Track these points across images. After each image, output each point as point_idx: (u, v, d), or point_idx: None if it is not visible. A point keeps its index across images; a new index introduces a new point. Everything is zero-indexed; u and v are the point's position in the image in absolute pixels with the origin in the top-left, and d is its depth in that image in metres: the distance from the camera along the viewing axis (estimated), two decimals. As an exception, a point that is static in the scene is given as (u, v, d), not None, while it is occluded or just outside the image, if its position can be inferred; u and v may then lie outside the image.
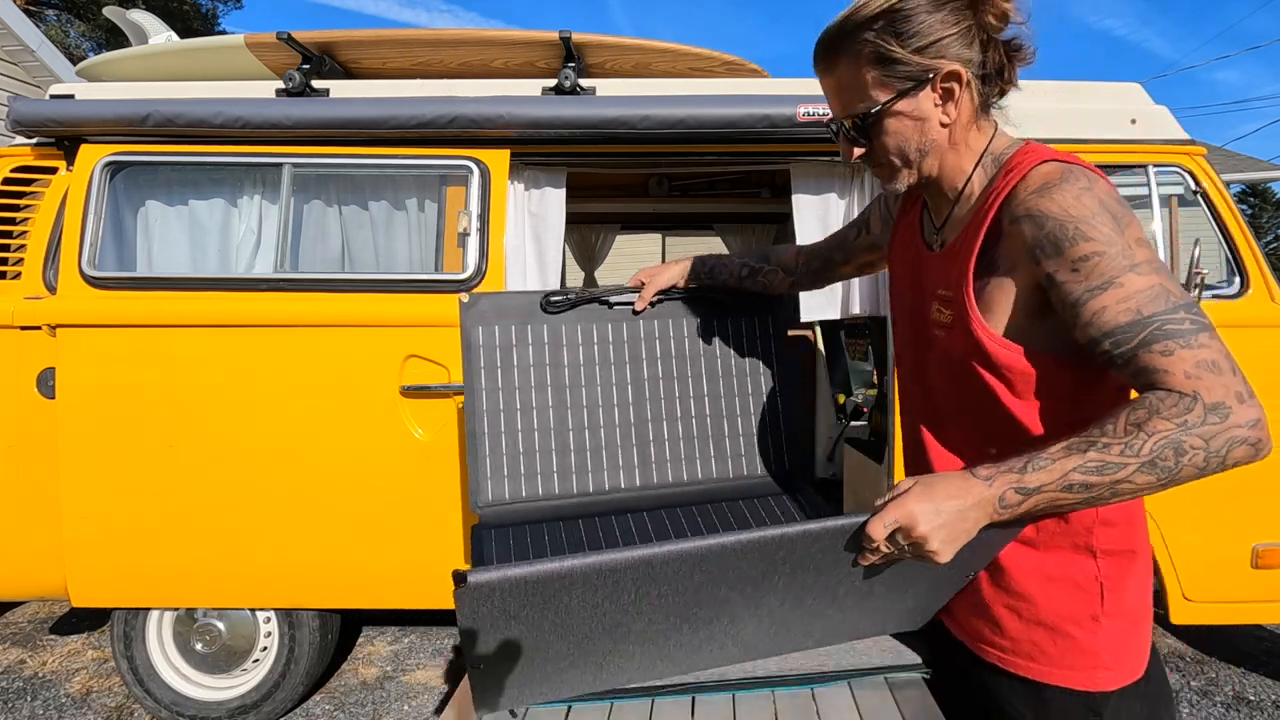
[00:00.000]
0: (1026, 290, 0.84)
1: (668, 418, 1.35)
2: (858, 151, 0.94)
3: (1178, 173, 2.19)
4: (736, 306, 1.42)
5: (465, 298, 1.17)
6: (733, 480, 1.39)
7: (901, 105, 0.88)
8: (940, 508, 0.75)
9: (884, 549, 0.77)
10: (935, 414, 0.99)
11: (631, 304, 1.36)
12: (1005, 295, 0.85)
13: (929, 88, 0.87)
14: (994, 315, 0.86)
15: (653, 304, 1.39)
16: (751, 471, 1.40)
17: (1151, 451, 0.72)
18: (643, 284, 1.36)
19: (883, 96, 0.88)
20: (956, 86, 0.87)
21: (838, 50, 0.90)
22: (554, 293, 1.28)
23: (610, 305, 1.33)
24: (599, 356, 1.29)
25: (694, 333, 1.40)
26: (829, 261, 1.31)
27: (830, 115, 0.98)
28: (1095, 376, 0.86)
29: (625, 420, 1.31)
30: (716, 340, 1.42)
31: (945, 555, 0.75)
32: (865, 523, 0.77)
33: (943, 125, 0.90)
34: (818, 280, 1.36)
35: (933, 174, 0.94)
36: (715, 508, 1.34)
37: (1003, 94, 0.92)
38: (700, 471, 1.37)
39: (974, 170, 0.92)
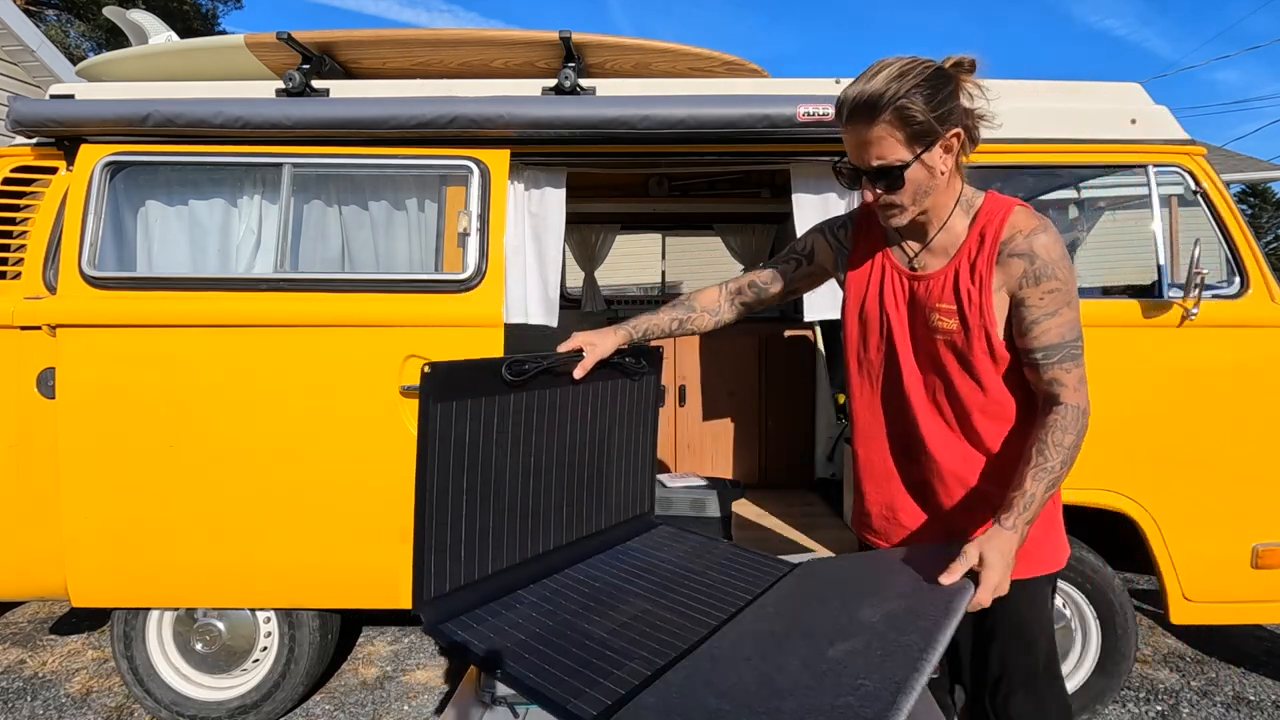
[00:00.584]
0: (1006, 302, 1.19)
1: (586, 474, 1.39)
2: (878, 194, 1.16)
3: (1178, 173, 2.19)
4: (637, 372, 1.48)
5: (428, 368, 1.08)
6: (623, 521, 1.48)
7: (923, 159, 1.13)
8: (1008, 564, 1.07)
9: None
10: (920, 395, 1.27)
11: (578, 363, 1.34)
12: (1000, 305, 1.19)
13: (939, 145, 1.14)
14: (996, 319, 1.19)
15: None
16: (638, 510, 1.53)
17: (1070, 456, 1.13)
18: (580, 349, 1.35)
19: (909, 154, 1.12)
20: (955, 144, 1.16)
21: (876, 112, 1.10)
22: (514, 361, 1.22)
23: (558, 373, 1.30)
24: (535, 423, 1.26)
25: (605, 392, 1.44)
26: (762, 293, 1.49)
27: (849, 162, 1.19)
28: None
29: (557, 482, 1.31)
30: (621, 396, 1.49)
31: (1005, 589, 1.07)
32: (970, 597, 1.04)
33: (941, 174, 1.16)
34: (747, 311, 1.52)
35: (924, 212, 1.20)
36: (623, 550, 1.41)
37: (973, 147, 1.20)
38: (601, 520, 1.43)
39: (954, 209, 1.22)
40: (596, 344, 1.35)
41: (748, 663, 0.93)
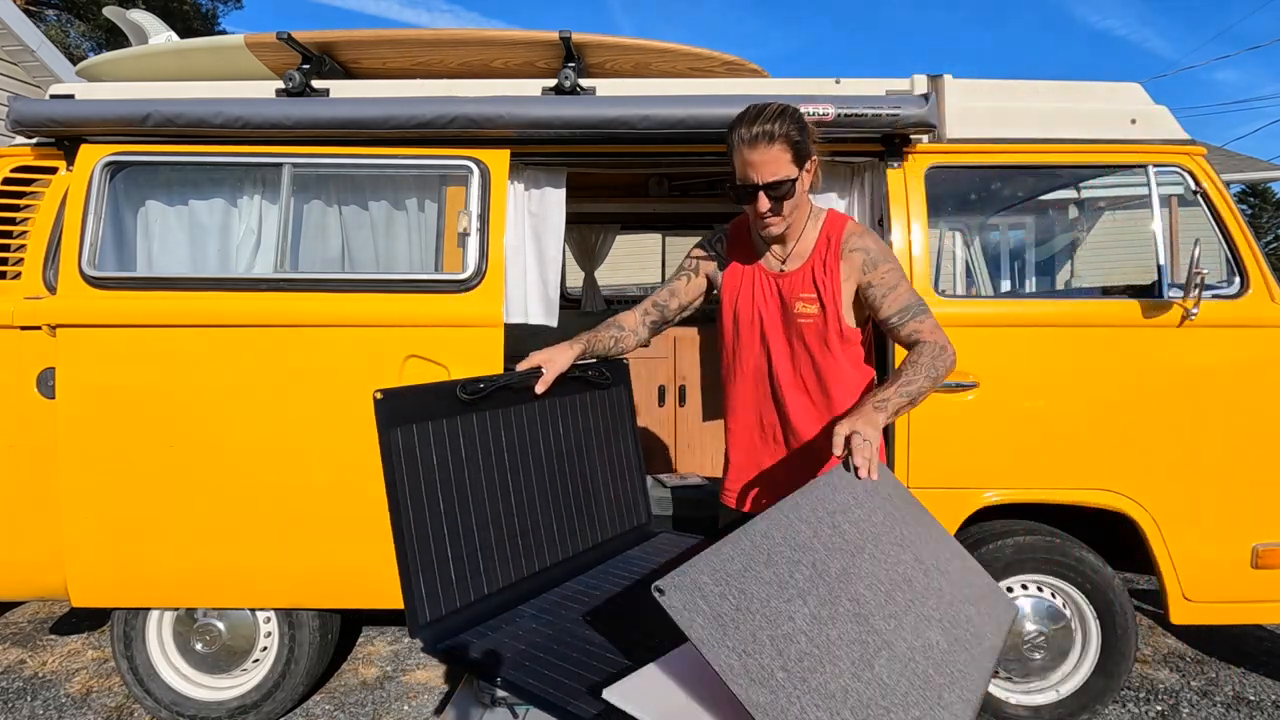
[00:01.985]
0: (853, 291, 1.53)
1: (573, 489, 1.42)
2: (772, 206, 1.45)
3: (1178, 173, 2.19)
4: (604, 383, 1.57)
5: (379, 394, 1.07)
6: (621, 533, 1.51)
7: (800, 178, 1.47)
8: (877, 431, 1.26)
9: (843, 449, 1.22)
10: (788, 375, 1.56)
11: (535, 380, 1.38)
12: (847, 293, 1.53)
13: (807, 168, 1.49)
14: (844, 302, 1.53)
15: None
16: (635, 522, 1.57)
17: (929, 375, 1.36)
18: (540, 367, 1.45)
19: (794, 172, 1.45)
20: (813, 169, 1.52)
21: (773, 136, 1.40)
22: (468, 382, 1.23)
23: (516, 389, 1.32)
24: (506, 441, 1.26)
25: (577, 407, 1.49)
26: (665, 310, 1.71)
27: (742, 181, 1.47)
28: (862, 335, 1.59)
29: (542, 499, 1.32)
30: (594, 411, 1.55)
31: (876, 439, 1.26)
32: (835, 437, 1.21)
33: (803, 192, 1.51)
34: (656, 331, 1.73)
35: (790, 222, 1.52)
36: (624, 560, 1.43)
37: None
38: (597, 534, 1.45)
39: (807, 222, 1.58)
40: (554, 359, 1.47)
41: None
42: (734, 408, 1.66)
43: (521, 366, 1.40)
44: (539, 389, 1.39)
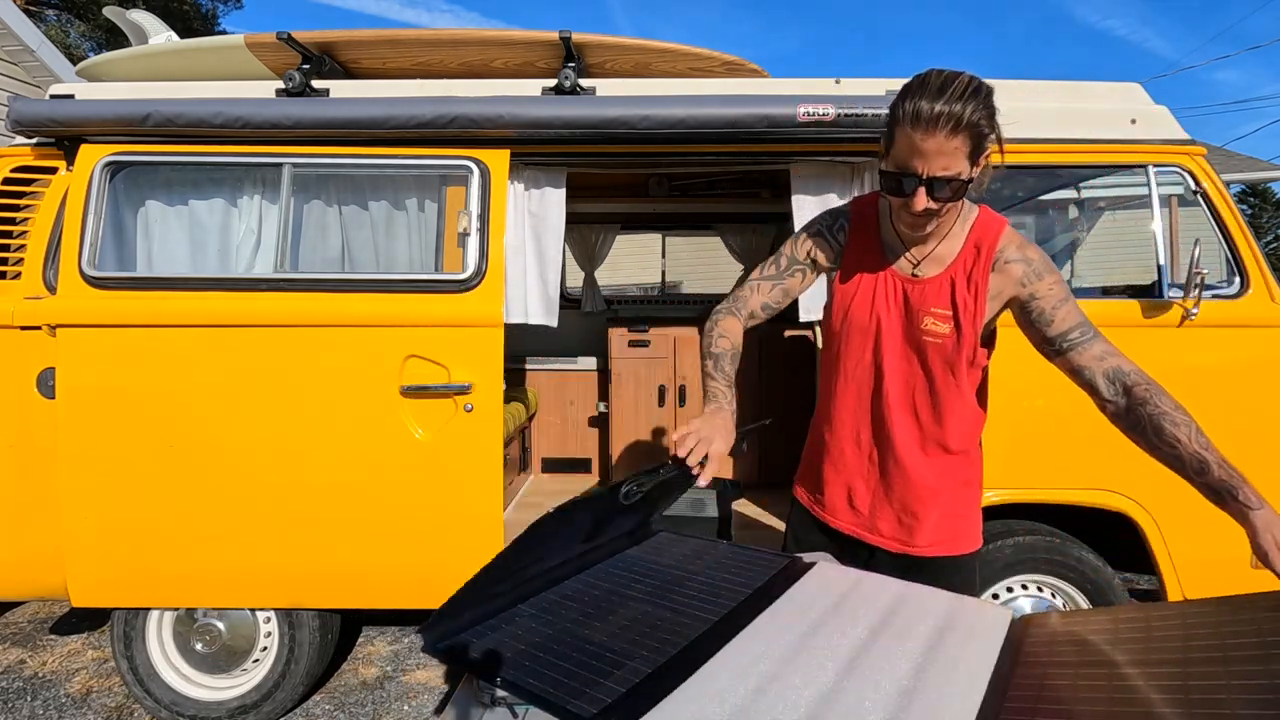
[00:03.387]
0: (997, 308, 1.29)
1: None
2: (931, 203, 1.17)
3: (1178, 173, 2.19)
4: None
5: (554, 512, 0.97)
6: (622, 534, 1.45)
7: (973, 176, 1.18)
8: None
9: None
10: (898, 395, 1.34)
11: (691, 478, 1.20)
12: (992, 310, 1.29)
13: (979, 162, 1.18)
14: (983, 325, 1.29)
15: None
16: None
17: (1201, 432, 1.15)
18: (691, 456, 1.19)
19: (968, 170, 1.16)
20: (986, 162, 1.20)
21: (960, 122, 1.11)
22: (626, 484, 1.09)
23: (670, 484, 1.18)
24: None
25: None
26: (775, 312, 1.47)
27: (903, 167, 1.18)
28: (988, 359, 1.37)
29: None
30: None
31: None
32: None
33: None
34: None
35: (941, 222, 1.24)
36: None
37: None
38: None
39: (955, 221, 1.28)
40: (713, 440, 1.20)
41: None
42: (830, 415, 1.44)
43: (681, 447, 1.17)
44: (703, 483, 1.18)
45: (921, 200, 1.17)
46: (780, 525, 2.96)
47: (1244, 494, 1.05)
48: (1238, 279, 2.15)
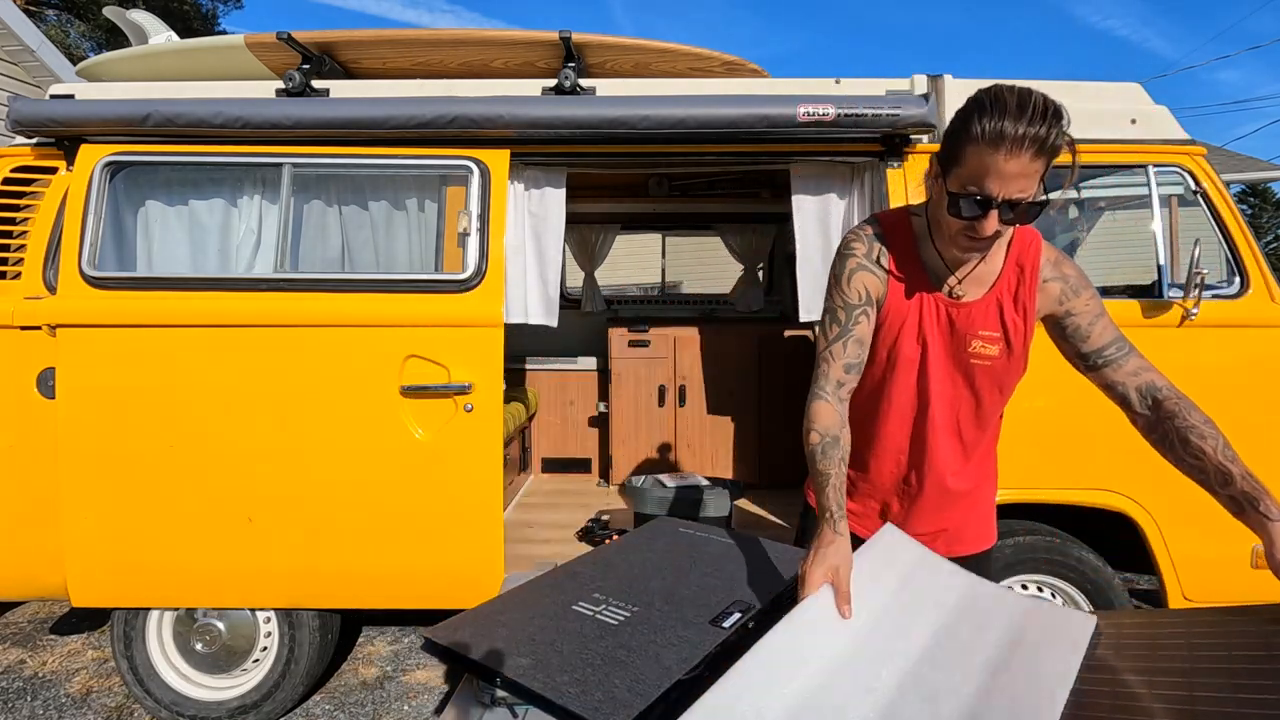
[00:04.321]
0: (1035, 324, 1.26)
1: None
2: (1001, 226, 1.11)
3: (1178, 173, 2.19)
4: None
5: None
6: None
7: (1039, 197, 1.11)
8: None
9: None
10: (944, 418, 1.31)
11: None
12: (1033, 329, 1.25)
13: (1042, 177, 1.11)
14: (1030, 344, 1.26)
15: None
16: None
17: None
18: (837, 593, 1.03)
19: (1040, 190, 1.10)
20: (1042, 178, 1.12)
21: (1043, 145, 1.05)
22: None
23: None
24: None
25: None
26: (860, 370, 1.29)
27: (978, 189, 1.10)
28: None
29: None
30: None
31: None
32: None
33: None
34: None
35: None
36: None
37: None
38: None
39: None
40: (839, 568, 1.03)
41: None
42: (870, 436, 1.36)
43: (808, 590, 1.01)
44: (847, 616, 0.99)
45: (994, 223, 1.10)
46: (781, 524, 2.96)
47: (1265, 504, 1.02)
48: (1238, 279, 2.15)
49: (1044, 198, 1.10)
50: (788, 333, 3.63)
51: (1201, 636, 0.94)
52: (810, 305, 2.31)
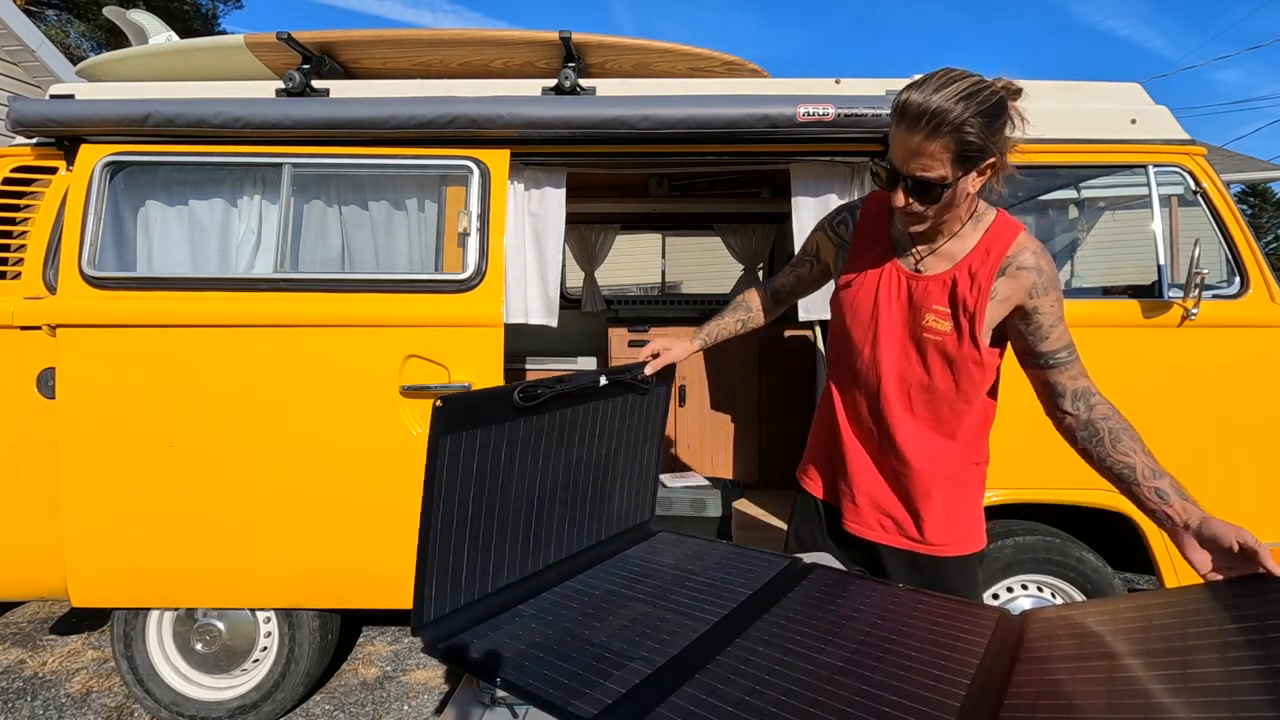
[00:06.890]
0: (1004, 312, 1.26)
1: (590, 491, 1.37)
2: (909, 202, 1.17)
3: (1178, 173, 2.19)
4: (645, 387, 1.46)
5: (439, 402, 1.02)
6: (623, 531, 1.48)
7: (960, 183, 1.14)
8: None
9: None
10: (894, 390, 1.33)
11: (593, 385, 1.28)
12: (995, 314, 1.26)
13: (976, 170, 1.15)
14: (986, 325, 1.26)
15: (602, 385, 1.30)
16: (638, 519, 1.53)
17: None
18: (648, 356, 1.43)
19: (951, 174, 1.12)
20: (989, 173, 1.17)
21: (938, 129, 1.08)
22: (526, 386, 1.16)
23: (573, 394, 1.24)
24: (544, 446, 1.22)
25: (614, 411, 1.39)
26: (791, 295, 1.61)
27: (889, 163, 1.17)
28: (999, 359, 1.34)
29: (561, 500, 1.29)
30: (629, 412, 1.46)
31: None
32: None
33: (967, 195, 1.19)
34: (778, 310, 1.64)
35: (939, 222, 1.22)
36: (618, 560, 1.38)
37: (1003, 174, 1.20)
38: (602, 531, 1.43)
39: (967, 222, 1.27)
40: (672, 348, 1.44)
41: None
42: (833, 408, 1.45)
43: (644, 353, 1.42)
44: (648, 371, 1.40)
45: (899, 198, 1.17)
46: (781, 525, 2.96)
47: (1189, 499, 1.12)
48: (1238, 279, 2.15)
49: (949, 181, 1.12)
50: (788, 333, 3.63)
51: (1194, 614, 0.96)
52: (810, 305, 2.30)
